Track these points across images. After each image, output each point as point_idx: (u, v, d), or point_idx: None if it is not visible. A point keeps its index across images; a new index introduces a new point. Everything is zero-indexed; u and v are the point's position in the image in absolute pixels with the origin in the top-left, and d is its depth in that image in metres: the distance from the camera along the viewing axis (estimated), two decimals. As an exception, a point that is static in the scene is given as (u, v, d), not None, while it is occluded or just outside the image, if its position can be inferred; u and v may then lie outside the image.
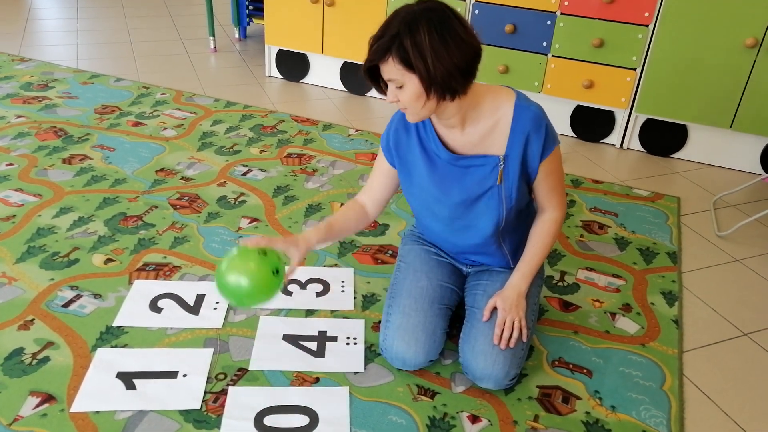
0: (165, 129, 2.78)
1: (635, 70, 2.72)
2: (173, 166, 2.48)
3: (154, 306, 1.74)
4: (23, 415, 1.40)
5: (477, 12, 2.86)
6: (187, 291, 1.81)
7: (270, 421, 1.42)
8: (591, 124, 2.95)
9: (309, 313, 1.77)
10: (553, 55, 2.82)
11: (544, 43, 2.81)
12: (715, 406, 1.57)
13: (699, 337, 1.80)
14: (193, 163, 2.52)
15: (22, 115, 2.82)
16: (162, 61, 3.64)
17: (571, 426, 1.47)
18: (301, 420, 1.43)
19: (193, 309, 1.74)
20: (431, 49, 1.26)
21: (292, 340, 1.66)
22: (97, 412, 1.41)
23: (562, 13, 2.74)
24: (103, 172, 2.39)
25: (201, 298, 1.78)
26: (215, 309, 1.75)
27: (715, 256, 2.18)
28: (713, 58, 2.58)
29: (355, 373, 1.57)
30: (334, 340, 1.67)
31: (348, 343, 1.66)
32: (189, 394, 1.48)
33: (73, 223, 2.07)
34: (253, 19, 4.02)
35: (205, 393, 1.48)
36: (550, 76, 2.87)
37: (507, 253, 1.63)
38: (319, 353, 1.62)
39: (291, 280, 1.86)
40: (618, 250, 2.15)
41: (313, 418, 1.43)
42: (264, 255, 1.36)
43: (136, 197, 2.25)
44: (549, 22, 2.77)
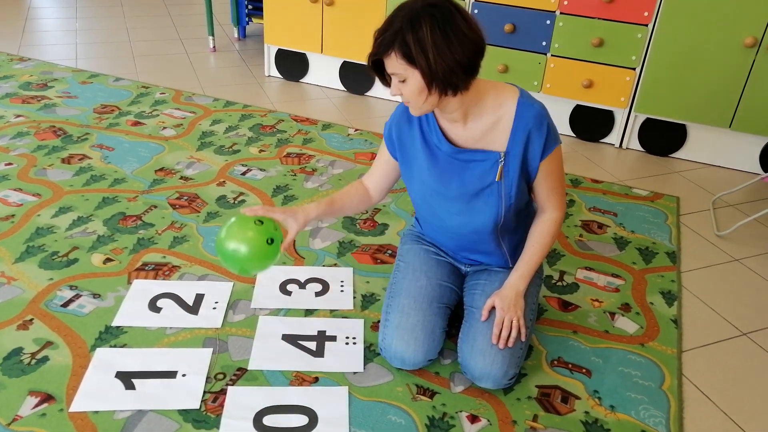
0: (164, 128, 2.78)
1: (635, 69, 2.72)
2: (172, 165, 2.48)
3: (153, 306, 1.74)
4: (22, 415, 1.40)
5: (476, 11, 2.86)
6: (187, 291, 1.81)
7: (269, 420, 1.42)
8: (590, 124, 2.95)
9: (308, 312, 1.77)
10: (552, 55, 2.82)
11: (544, 43, 2.81)
12: (714, 406, 1.57)
13: (698, 337, 1.80)
14: (193, 162, 2.52)
15: (21, 114, 2.82)
16: (161, 61, 3.64)
17: (571, 426, 1.47)
18: (301, 420, 1.43)
19: (193, 309, 1.74)
20: (433, 44, 1.26)
21: (292, 339, 1.66)
22: (96, 412, 1.41)
23: (561, 13, 2.74)
24: (102, 172, 2.39)
25: (200, 298, 1.78)
26: (214, 309, 1.75)
27: (715, 255, 2.18)
28: (712, 58, 2.58)
29: (354, 372, 1.57)
30: (334, 339, 1.67)
31: (347, 342, 1.66)
32: (188, 393, 1.48)
33: (72, 223, 2.07)
34: (253, 19, 4.02)
35: (204, 393, 1.48)
36: (550, 76, 2.87)
37: (506, 252, 1.63)
38: (319, 353, 1.62)
39: (290, 280, 1.87)
40: (617, 249, 2.15)
41: (313, 418, 1.43)
42: (260, 224, 1.42)
43: (135, 197, 2.25)
44: (548, 22, 2.77)
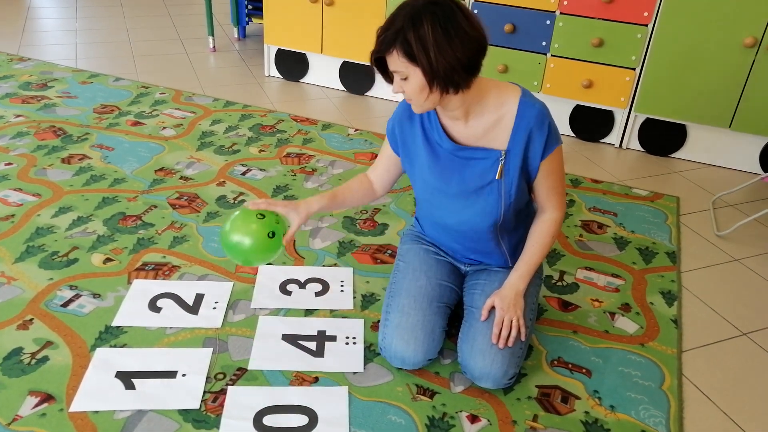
0: (164, 128, 2.78)
1: (634, 69, 2.73)
2: (172, 165, 2.48)
3: (153, 306, 1.74)
4: (22, 415, 1.40)
5: (476, 11, 2.86)
6: (187, 290, 1.81)
7: (269, 420, 1.42)
8: (590, 124, 2.95)
9: (308, 312, 1.77)
10: (552, 55, 2.82)
11: (544, 43, 2.81)
12: (714, 406, 1.57)
13: (698, 337, 1.80)
14: (193, 162, 2.52)
15: (21, 114, 2.82)
16: (161, 61, 3.64)
17: (571, 426, 1.47)
18: (300, 420, 1.43)
19: (192, 308, 1.74)
20: (434, 43, 1.27)
21: (292, 339, 1.66)
22: (96, 412, 1.41)
23: (561, 13, 2.74)
24: (102, 172, 2.39)
25: (200, 298, 1.78)
26: (214, 308, 1.75)
27: (715, 255, 2.18)
28: (712, 58, 2.58)
29: (354, 372, 1.57)
30: (334, 339, 1.67)
31: (347, 342, 1.66)
32: (188, 393, 1.48)
33: (72, 223, 2.07)
34: (253, 19, 4.02)
35: (204, 392, 1.48)
36: (550, 76, 2.87)
37: (505, 251, 1.63)
38: (319, 353, 1.62)
39: (290, 280, 1.87)
40: (617, 249, 2.15)
41: (313, 418, 1.43)
42: (262, 218, 1.48)
43: (135, 197, 2.25)
44: (548, 22, 2.77)
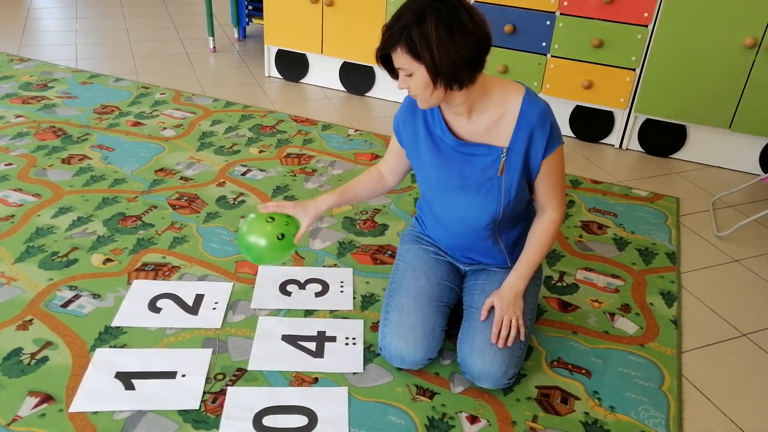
0: (164, 129, 2.78)
1: (634, 70, 2.73)
2: (172, 166, 2.48)
3: (153, 306, 1.74)
4: (22, 415, 1.40)
5: (476, 12, 2.86)
6: (186, 291, 1.81)
7: (269, 421, 1.42)
8: (590, 125, 2.95)
9: (308, 313, 1.77)
10: (552, 56, 2.82)
11: (544, 44, 2.81)
12: (713, 407, 1.57)
13: (698, 338, 1.80)
14: (193, 163, 2.52)
15: (21, 114, 2.82)
16: (161, 61, 3.64)
17: (570, 426, 1.47)
18: (300, 420, 1.43)
19: (192, 309, 1.74)
20: (437, 40, 1.28)
21: (291, 340, 1.66)
22: (95, 413, 1.41)
23: (561, 14, 2.74)
24: (102, 172, 2.39)
25: (200, 298, 1.78)
26: (214, 309, 1.75)
27: (714, 256, 2.18)
28: (712, 59, 2.58)
29: (354, 373, 1.57)
30: (333, 340, 1.67)
31: (347, 343, 1.66)
32: (188, 394, 1.48)
33: (72, 223, 2.07)
34: (253, 19, 4.02)
35: (204, 393, 1.48)
36: (550, 77, 2.87)
37: (504, 250, 1.63)
38: (318, 353, 1.62)
39: (290, 280, 1.87)
40: (617, 250, 2.15)
41: (312, 419, 1.43)
42: (272, 220, 1.55)
43: (135, 197, 2.25)
44: (548, 23, 2.77)
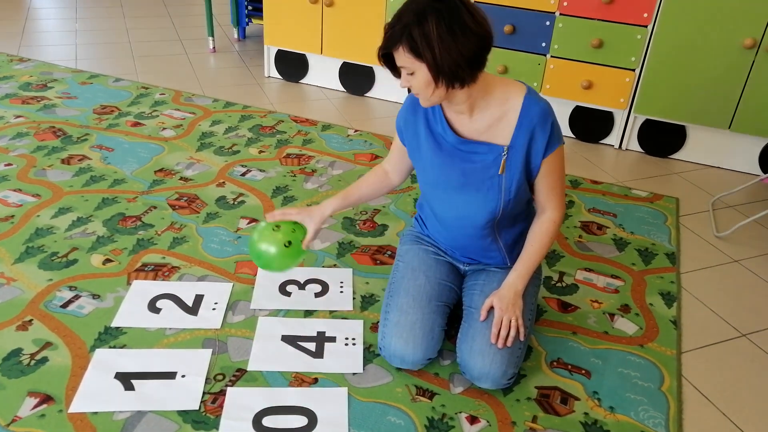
0: (164, 129, 2.78)
1: (634, 70, 2.73)
2: (172, 166, 2.48)
3: (153, 306, 1.74)
4: (21, 416, 1.40)
5: (476, 12, 2.86)
6: (186, 291, 1.81)
7: (268, 421, 1.42)
8: (590, 125, 2.95)
9: (308, 313, 1.77)
10: (552, 56, 2.82)
11: (543, 44, 2.81)
12: (713, 407, 1.57)
13: (697, 338, 1.80)
14: (192, 163, 2.52)
15: (20, 115, 2.82)
16: (161, 62, 3.64)
17: (570, 427, 1.47)
18: (300, 421, 1.43)
19: (192, 309, 1.74)
20: (439, 39, 1.28)
21: (291, 340, 1.66)
22: (95, 413, 1.41)
23: (561, 14, 2.74)
24: (102, 173, 2.39)
25: (200, 299, 1.78)
26: (214, 309, 1.75)
27: (714, 256, 2.18)
28: (712, 59, 2.58)
29: (353, 373, 1.57)
30: (333, 340, 1.67)
31: (347, 343, 1.66)
32: (187, 394, 1.47)
33: (71, 224, 2.07)
34: (252, 20, 4.02)
35: (203, 393, 1.48)
36: (549, 77, 2.87)
37: (503, 249, 1.63)
38: (318, 354, 1.62)
39: (289, 281, 1.87)
40: (617, 250, 2.15)
41: (312, 419, 1.43)
42: (278, 228, 1.58)
43: (135, 197, 2.25)
44: (548, 23, 2.77)
